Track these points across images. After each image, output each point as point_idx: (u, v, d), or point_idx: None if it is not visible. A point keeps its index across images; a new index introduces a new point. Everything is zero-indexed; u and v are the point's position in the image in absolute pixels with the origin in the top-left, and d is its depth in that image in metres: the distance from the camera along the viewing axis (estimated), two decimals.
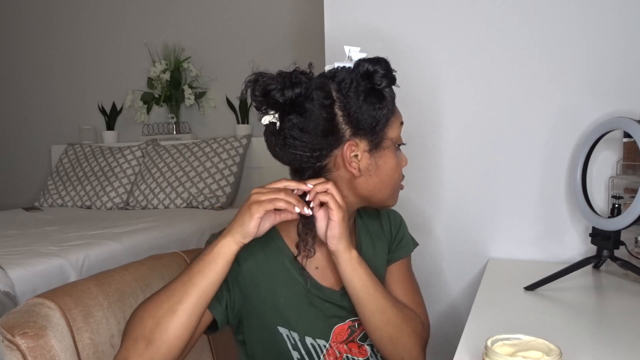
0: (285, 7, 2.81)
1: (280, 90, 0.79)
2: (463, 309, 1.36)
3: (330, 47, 1.42)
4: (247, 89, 0.82)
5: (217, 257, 0.78)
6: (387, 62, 0.84)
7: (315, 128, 0.81)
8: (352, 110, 0.82)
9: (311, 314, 0.89)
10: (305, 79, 0.81)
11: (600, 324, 0.90)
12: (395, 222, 1.03)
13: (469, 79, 1.31)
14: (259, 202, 0.78)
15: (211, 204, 2.55)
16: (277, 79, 0.80)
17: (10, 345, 0.72)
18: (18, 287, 1.52)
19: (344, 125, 0.83)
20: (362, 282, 0.86)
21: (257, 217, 0.77)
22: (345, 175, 0.86)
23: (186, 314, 0.76)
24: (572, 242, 1.24)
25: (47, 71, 3.48)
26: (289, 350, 0.88)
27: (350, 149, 0.84)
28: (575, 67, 1.22)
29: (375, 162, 0.86)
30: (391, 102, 0.86)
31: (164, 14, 3.10)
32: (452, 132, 1.33)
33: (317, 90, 0.81)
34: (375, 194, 0.88)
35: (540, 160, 1.26)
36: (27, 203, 3.36)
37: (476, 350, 0.75)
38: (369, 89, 0.83)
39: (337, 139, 0.83)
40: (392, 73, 0.85)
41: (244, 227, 0.78)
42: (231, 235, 0.79)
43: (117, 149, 2.93)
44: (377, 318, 0.88)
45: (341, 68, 0.85)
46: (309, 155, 0.82)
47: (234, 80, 2.92)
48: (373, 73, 0.83)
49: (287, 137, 0.81)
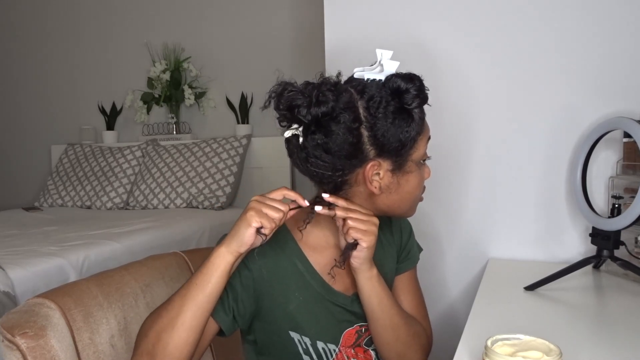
0: (285, 6, 2.81)
1: (306, 107, 0.76)
2: (463, 309, 1.35)
3: (331, 46, 1.42)
4: (271, 100, 0.79)
5: (212, 268, 0.77)
6: (420, 80, 0.80)
7: (340, 151, 0.78)
8: (379, 132, 0.79)
9: (323, 318, 0.89)
10: (332, 97, 0.77)
11: (600, 324, 0.90)
12: (406, 232, 1.02)
13: (468, 79, 1.30)
14: (257, 211, 0.77)
15: (211, 204, 2.55)
16: (303, 93, 0.77)
17: (10, 345, 0.72)
18: (18, 287, 1.52)
19: (369, 146, 0.80)
20: (379, 299, 0.86)
21: (253, 226, 0.76)
22: (365, 191, 0.84)
23: (185, 328, 0.75)
24: (572, 242, 1.24)
25: (47, 71, 3.48)
26: (301, 354, 0.88)
27: (373, 169, 0.81)
28: (576, 67, 1.22)
29: (397, 180, 0.84)
30: (420, 123, 0.82)
31: (164, 14, 3.10)
32: (451, 133, 1.33)
33: (344, 112, 0.77)
34: (394, 209, 0.87)
35: (540, 160, 1.26)
36: (27, 203, 3.36)
37: (476, 350, 0.75)
38: (398, 108, 0.79)
39: (361, 160, 0.80)
40: (425, 92, 0.81)
41: (239, 237, 0.77)
42: (226, 245, 0.78)
43: (117, 149, 2.93)
44: (388, 334, 0.89)
45: (370, 82, 0.81)
46: (330, 174, 0.80)
47: (234, 80, 2.93)
48: (404, 92, 0.79)
49: (309, 155, 0.79)
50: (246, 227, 0.76)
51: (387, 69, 0.81)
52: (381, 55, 0.82)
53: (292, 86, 0.79)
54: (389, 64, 0.81)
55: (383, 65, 0.81)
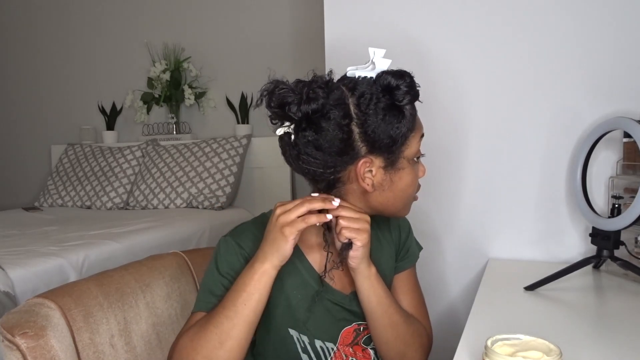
0: (285, 6, 2.81)
1: (296, 105, 0.77)
2: (463, 309, 1.36)
3: (330, 46, 1.42)
4: (263, 98, 0.80)
5: (259, 286, 0.79)
6: (411, 77, 0.81)
7: (330, 147, 0.79)
8: (369, 129, 0.79)
9: (322, 316, 0.89)
10: (323, 94, 0.77)
11: (600, 324, 0.90)
12: (404, 230, 1.02)
13: (468, 80, 1.30)
14: (290, 223, 0.77)
15: (211, 204, 2.55)
16: (294, 90, 0.78)
17: (10, 345, 0.72)
18: (18, 287, 1.52)
19: (360, 143, 0.80)
20: (378, 298, 0.86)
21: (292, 239, 0.77)
22: (358, 189, 0.84)
23: (237, 348, 0.78)
24: (572, 242, 1.24)
25: (47, 71, 3.48)
26: (299, 352, 0.88)
27: (365, 165, 0.82)
28: (576, 67, 1.22)
29: (390, 178, 0.84)
30: (411, 120, 0.82)
31: (164, 14, 3.10)
32: (451, 133, 1.33)
33: (334, 109, 0.78)
34: (388, 207, 0.87)
35: (540, 160, 1.26)
36: (27, 203, 3.36)
37: (476, 350, 0.75)
38: (389, 105, 0.79)
39: (352, 156, 0.81)
40: (416, 89, 0.81)
41: (280, 252, 0.78)
42: (269, 262, 0.79)
43: (117, 149, 2.93)
44: (388, 332, 0.89)
45: (362, 79, 0.81)
46: (322, 171, 0.81)
47: (234, 80, 2.93)
48: (395, 88, 0.79)
49: (300, 152, 0.80)
50: (285, 242, 0.77)
51: (379, 67, 0.82)
52: (374, 54, 0.82)
53: (283, 84, 0.79)
54: (381, 62, 0.82)
55: (375, 64, 0.82)
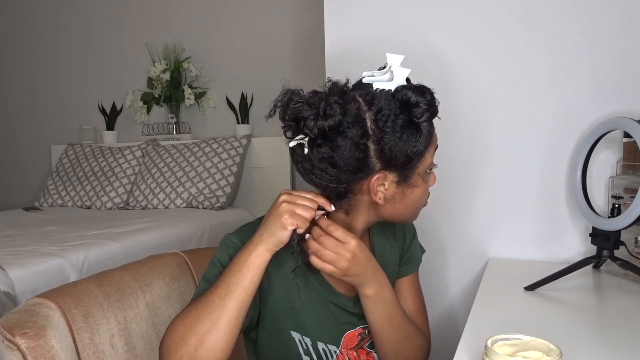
0: (285, 7, 2.81)
1: (313, 120, 0.74)
2: (463, 309, 1.35)
3: (331, 47, 1.42)
4: (276, 109, 0.78)
5: (253, 267, 0.77)
6: (431, 93, 0.79)
7: (346, 165, 0.77)
8: (386, 147, 0.77)
9: (325, 319, 0.89)
10: (340, 111, 0.75)
11: (600, 324, 0.90)
12: (409, 235, 1.01)
13: (468, 80, 1.30)
14: (292, 213, 0.76)
15: (211, 204, 2.55)
16: (310, 104, 0.75)
17: (10, 345, 0.72)
18: (18, 287, 1.52)
19: (375, 160, 0.79)
20: (375, 316, 0.87)
21: (289, 229, 0.76)
22: (369, 200, 0.84)
23: (229, 328, 0.76)
24: (572, 242, 1.24)
25: (47, 71, 3.48)
26: (301, 354, 0.88)
27: (378, 180, 0.80)
28: (576, 67, 1.22)
29: (402, 191, 0.83)
30: (428, 137, 0.81)
31: (164, 14, 3.10)
32: (451, 133, 1.33)
33: (352, 126, 0.75)
34: (397, 217, 0.87)
35: (540, 161, 1.26)
36: (27, 203, 3.36)
37: (476, 350, 0.75)
38: (406, 121, 0.77)
39: (366, 173, 0.79)
40: (435, 106, 0.79)
41: (276, 237, 0.77)
42: (264, 244, 0.77)
43: (117, 149, 2.93)
44: (388, 347, 0.90)
45: (380, 92, 0.78)
46: (335, 186, 0.80)
47: (234, 80, 2.93)
48: (414, 105, 0.77)
49: (314, 167, 0.78)
50: (282, 230, 0.76)
51: (397, 77, 0.79)
52: (391, 61, 0.79)
53: (298, 96, 0.77)
54: (399, 71, 0.78)
55: (393, 72, 0.79)
